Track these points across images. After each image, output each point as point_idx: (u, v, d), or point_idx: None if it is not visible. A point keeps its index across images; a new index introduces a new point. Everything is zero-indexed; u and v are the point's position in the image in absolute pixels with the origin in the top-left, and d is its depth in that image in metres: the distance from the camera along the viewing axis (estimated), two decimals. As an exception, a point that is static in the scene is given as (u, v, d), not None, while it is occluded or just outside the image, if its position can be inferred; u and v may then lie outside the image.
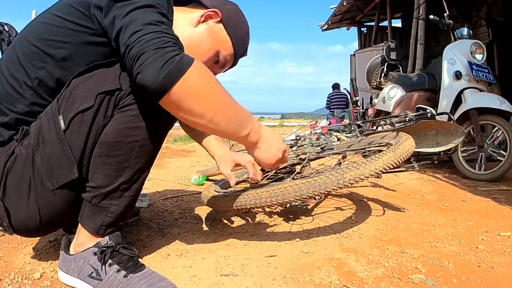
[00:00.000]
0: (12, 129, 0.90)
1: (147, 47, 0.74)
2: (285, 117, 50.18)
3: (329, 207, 1.62)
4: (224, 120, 0.85)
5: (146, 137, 0.87)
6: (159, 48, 0.74)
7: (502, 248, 1.17)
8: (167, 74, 0.74)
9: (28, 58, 0.89)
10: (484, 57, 2.72)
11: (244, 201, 1.13)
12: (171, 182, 2.17)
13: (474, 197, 1.93)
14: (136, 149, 0.87)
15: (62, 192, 0.88)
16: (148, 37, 0.75)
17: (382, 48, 4.42)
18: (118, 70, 0.87)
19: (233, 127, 0.88)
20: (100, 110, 0.85)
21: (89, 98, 0.84)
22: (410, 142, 1.26)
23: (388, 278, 0.95)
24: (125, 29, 0.79)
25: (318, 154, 1.62)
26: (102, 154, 0.86)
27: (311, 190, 1.05)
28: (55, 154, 0.85)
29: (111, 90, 0.85)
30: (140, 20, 0.78)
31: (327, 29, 8.70)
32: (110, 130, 0.86)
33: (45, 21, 0.91)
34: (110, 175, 0.87)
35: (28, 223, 0.90)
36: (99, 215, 0.89)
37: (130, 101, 0.85)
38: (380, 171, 1.09)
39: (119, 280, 0.84)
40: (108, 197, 0.88)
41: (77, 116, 0.84)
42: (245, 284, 0.91)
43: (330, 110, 9.10)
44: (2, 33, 3.48)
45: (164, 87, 0.75)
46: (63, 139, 0.85)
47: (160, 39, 0.76)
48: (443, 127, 1.95)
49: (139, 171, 0.90)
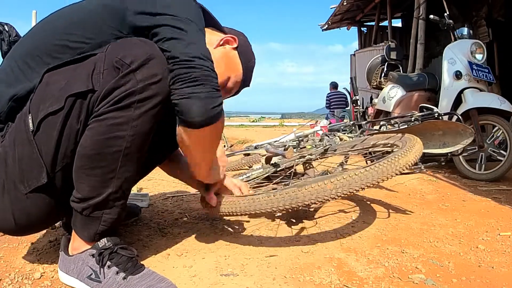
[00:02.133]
0: (1, 123, 0.88)
1: (208, 81, 0.83)
2: (285, 117, 50.14)
3: (330, 208, 1.61)
4: (210, 158, 1.05)
5: (129, 146, 0.82)
6: (215, 90, 0.84)
7: (502, 248, 1.17)
8: (213, 117, 0.85)
9: (46, 47, 0.87)
10: (484, 57, 2.72)
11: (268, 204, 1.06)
12: (171, 182, 2.17)
13: (474, 197, 1.93)
14: (120, 159, 0.82)
15: (35, 196, 0.84)
16: (210, 73, 0.84)
17: (382, 48, 4.43)
18: (91, 66, 0.81)
19: (209, 164, 1.07)
20: (72, 114, 0.80)
21: (58, 99, 0.79)
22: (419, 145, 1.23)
23: (388, 278, 0.95)
24: (188, 44, 0.83)
25: (322, 155, 1.61)
26: (85, 167, 0.82)
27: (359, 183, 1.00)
28: (25, 156, 0.82)
29: (83, 92, 0.79)
30: (203, 48, 0.86)
31: (327, 29, 8.69)
32: (87, 141, 0.80)
33: (72, 15, 0.90)
34: (95, 186, 0.83)
35: (3, 225, 0.89)
36: (92, 225, 0.86)
37: (106, 109, 0.79)
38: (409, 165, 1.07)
39: (118, 282, 0.83)
40: (99, 208, 0.85)
41: (47, 118, 0.80)
42: (245, 284, 0.91)
43: (330, 110, 9.09)
44: (2, 33, 3.47)
45: (203, 124, 0.85)
46: (32, 141, 0.81)
47: (216, 81, 0.85)
48: (450, 127, 1.91)
49: (128, 179, 0.86)
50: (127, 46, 0.83)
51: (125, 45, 0.83)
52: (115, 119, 0.79)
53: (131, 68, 0.80)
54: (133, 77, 0.80)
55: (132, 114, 0.80)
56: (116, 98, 0.79)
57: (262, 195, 1.06)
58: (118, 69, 0.80)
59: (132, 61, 0.80)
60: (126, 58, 0.80)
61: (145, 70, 0.81)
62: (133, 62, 0.80)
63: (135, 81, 0.80)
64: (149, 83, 0.81)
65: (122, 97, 0.79)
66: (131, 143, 0.82)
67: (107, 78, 0.80)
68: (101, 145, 0.80)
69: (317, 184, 1.00)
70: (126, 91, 0.79)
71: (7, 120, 0.88)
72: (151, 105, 0.82)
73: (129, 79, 0.79)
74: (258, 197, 1.06)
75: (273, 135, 5.78)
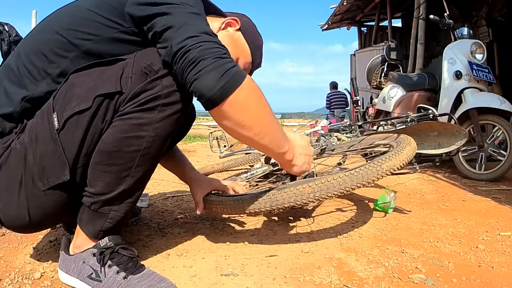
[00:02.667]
0: (14, 122, 0.89)
1: (206, 54, 0.78)
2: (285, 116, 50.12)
3: (329, 208, 1.61)
4: (268, 135, 0.89)
5: (149, 146, 0.85)
6: (218, 57, 0.78)
7: (502, 247, 1.17)
8: (225, 85, 0.78)
9: (51, 46, 0.88)
10: (484, 56, 2.72)
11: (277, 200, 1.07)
12: (171, 182, 2.17)
13: (474, 197, 1.93)
14: (137, 158, 0.84)
15: (53, 193, 0.86)
16: (207, 45, 0.79)
17: (382, 48, 4.43)
18: (119, 71, 0.84)
19: (275, 143, 0.93)
20: (98, 114, 0.82)
21: (86, 99, 0.82)
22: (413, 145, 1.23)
23: (388, 278, 0.95)
24: (178, 28, 0.80)
25: (319, 155, 1.61)
26: (102, 163, 0.84)
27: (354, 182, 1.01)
28: (47, 154, 0.84)
29: (111, 93, 0.82)
30: (197, 27, 0.81)
31: (327, 28, 8.70)
32: (109, 138, 0.83)
33: (74, 12, 0.91)
34: (110, 183, 0.85)
35: (16, 221, 0.89)
36: (98, 220, 0.88)
37: (131, 109, 0.82)
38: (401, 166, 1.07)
39: (119, 281, 0.84)
40: (108, 204, 0.87)
41: (73, 117, 0.82)
42: (245, 284, 0.91)
43: (330, 110, 9.09)
44: (2, 33, 3.47)
45: (220, 97, 0.79)
46: (56, 139, 0.83)
47: (219, 49, 0.80)
48: (445, 128, 1.94)
49: (141, 178, 0.88)
50: (156, 54, 0.86)
51: (153, 53, 0.86)
52: (139, 119, 0.82)
53: (159, 74, 0.83)
54: (159, 83, 0.83)
55: (156, 117, 0.83)
56: (142, 100, 0.82)
57: (246, 196, 1.10)
58: (146, 75, 0.84)
59: (159, 68, 0.84)
60: (154, 66, 0.84)
61: (170, 78, 0.84)
62: (160, 69, 0.84)
63: (161, 86, 0.83)
64: (173, 90, 0.84)
65: (148, 100, 0.82)
66: (151, 144, 0.85)
67: (135, 82, 0.83)
68: (121, 142, 0.83)
69: (295, 187, 1.02)
70: (152, 95, 0.82)
71: (20, 119, 0.89)
72: (174, 110, 0.85)
73: (156, 85, 0.83)
74: (242, 198, 1.11)
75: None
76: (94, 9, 0.89)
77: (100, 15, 0.88)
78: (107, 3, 0.89)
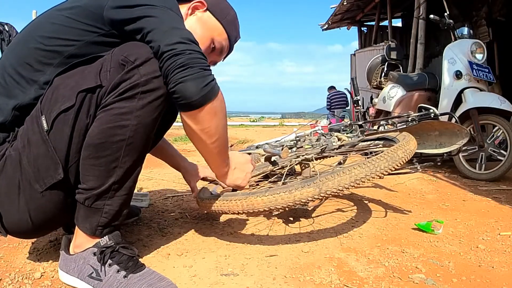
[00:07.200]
0: (6, 131, 0.91)
1: (194, 63, 0.83)
2: (285, 116, 50.16)
3: (330, 207, 1.62)
4: (220, 147, 0.98)
5: (133, 135, 0.86)
6: (204, 69, 0.85)
7: (503, 247, 1.17)
8: (208, 93, 0.85)
9: (35, 55, 0.90)
10: (484, 56, 2.72)
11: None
12: (171, 182, 2.17)
13: (475, 197, 1.93)
14: (123, 148, 0.86)
15: (51, 194, 0.87)
16: (195, 55, 0.85)
17: (383, 48, 4.42)
18: (98, 66, 0.86)
19: (222, 154, 1.02)
20: (82, 109, 0.84)
21: (70, 97, 0.84)
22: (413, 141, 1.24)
23: (388, 278, 0.95)
24: (165, 31, 0.85)
25: (319, 154, 1.61)
26: (90, 156, 0.85)
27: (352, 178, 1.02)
28: (40, 156, 0.85)
29: (92, 88, 0.84)
30: (186, 33, 0.87)
31: (327, 28, 8.69)
32: (95, 131, 0.85)
33: (53, 20, 0.92)
34: (100, 176, 0.86)
35: (20, 226, 0.90)
36: (94, 216, 0.88)
37: (112, 99, 0.84)
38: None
39: (119, 280, 0.84)
40: (101, 198, 0.87)
41: (59, 116, 0.84)
42: (245, 284, 0.91)
43: (330, 110, 9.10)
44: (2, 33, 3.47)
45: (200, 103, 0.85)
46: (47, 140, 0.84)
47: (204, 60, 0.86)
48: (446, 127, 1.93)
49: (130, 169, 0.89)
50: (131, 46, 0.88)
51: (129, 46, 0.89)
52: (120, 109, 0.84)
53: (135, 64, 0.86)
54: (137, 72, 0.85)
55: (136, 105, 0.85)
56: (121, 90, 0.84)
57: (235, 197, 1.11)
58: (123, 66, 0.86)
59: (136, 59, 0.86)
60: (131, 56, 0.86)
61: (148, 66, 0.86)
62: (137, 59, 0.86)
63: (139, 75, 0.85)
64: (151, 77, 0.86)
65: (127, 89, 0.85)
66: (134, 133, 0.86)
67: (114, 74, 0.85)
68: (106, 134, 0.84)
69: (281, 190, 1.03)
70: (130, 84, 0.85)
71: (12, 127, 0.91)
72: (153, 97, 0.87)
73: (134, 74, 0.85)
74: (233, 197, 1.11)
75: (273, 135, 5.78)
76: (73, 16, 0.91)
77: (80, 21, 0.90)
78: (85, 9, 0.91)
